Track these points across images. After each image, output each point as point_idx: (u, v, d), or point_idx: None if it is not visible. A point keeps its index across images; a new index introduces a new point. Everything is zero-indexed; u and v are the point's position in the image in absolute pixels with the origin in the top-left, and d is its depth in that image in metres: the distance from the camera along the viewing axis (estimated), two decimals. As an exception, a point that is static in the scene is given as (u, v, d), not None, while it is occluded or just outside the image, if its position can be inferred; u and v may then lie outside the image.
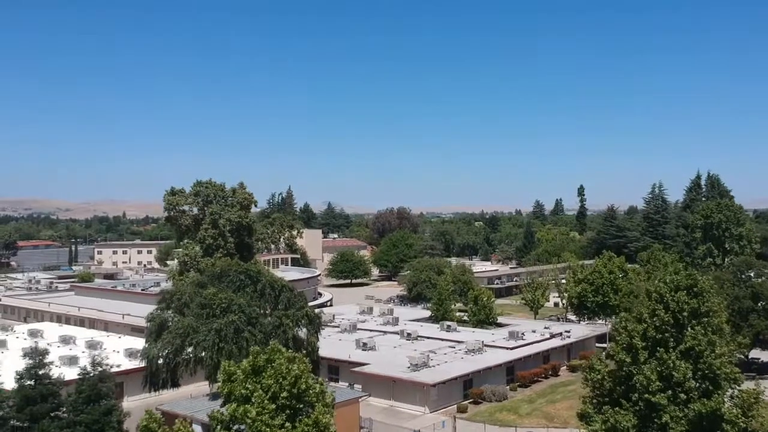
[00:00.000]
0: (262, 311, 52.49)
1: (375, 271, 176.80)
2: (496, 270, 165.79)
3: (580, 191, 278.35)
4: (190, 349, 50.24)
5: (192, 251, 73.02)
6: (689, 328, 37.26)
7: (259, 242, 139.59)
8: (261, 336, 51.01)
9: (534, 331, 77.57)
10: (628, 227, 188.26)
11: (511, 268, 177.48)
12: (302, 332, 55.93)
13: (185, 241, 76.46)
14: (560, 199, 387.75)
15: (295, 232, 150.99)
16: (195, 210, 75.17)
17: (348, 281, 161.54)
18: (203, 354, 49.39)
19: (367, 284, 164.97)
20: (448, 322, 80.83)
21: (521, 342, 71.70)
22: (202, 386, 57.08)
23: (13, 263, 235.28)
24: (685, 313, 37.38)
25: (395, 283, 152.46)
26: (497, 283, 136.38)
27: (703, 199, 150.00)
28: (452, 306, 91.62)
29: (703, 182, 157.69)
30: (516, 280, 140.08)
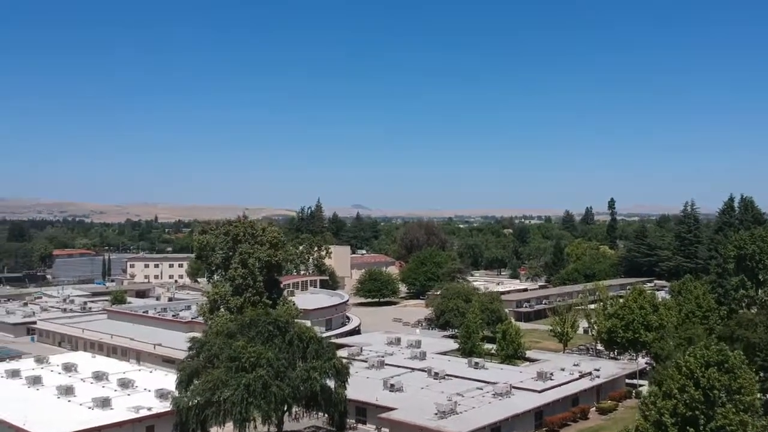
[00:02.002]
0: (290, 364, 52.93)
1: (402, 288, 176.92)
2: (525, 290, 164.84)
3: (611, 204, 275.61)
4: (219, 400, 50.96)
5: (222, 290, 73.74)
6: (720, 406, 36.84)
7: (288, 263, 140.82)
8: (289, 390, 51.63)
9: (563, 370, 76.87)
10: (659, 246, 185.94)
11: (540, 286, 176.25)
12: (330, 381, 56.45)
13: (215, 278, 77.25)
14: (590, 207, 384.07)
15: (323, 252, 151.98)
16: (224, 249, 75.78)
17: (376, 300, 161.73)
18: (232, 407, 50.06)
19: (395, 303, 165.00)
20: (476, 359, 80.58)
21: (550, 383, 71.11)
22: (231, 434, 57.75)
23: (48, 276, 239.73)
24: (716, 391, 36.96)
25: (423, 302, 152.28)
26: (526, 307, 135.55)
27: (736, 222, 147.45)
28: (480, 335, 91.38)
29: (736, 204, 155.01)
30: (545, 303, 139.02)
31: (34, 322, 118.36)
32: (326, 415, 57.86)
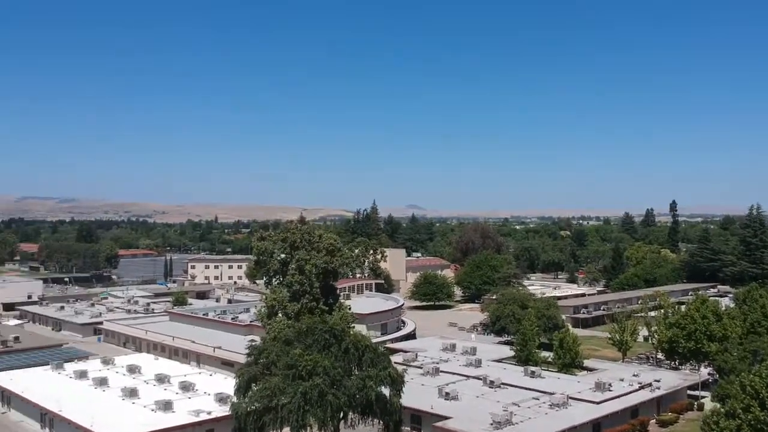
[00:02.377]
0: (345, 372, 53.45)
1: (457, 291, 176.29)
2: (583, 295, 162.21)
3: (672, 206, 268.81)
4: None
5: (279, 295, 75.02)
6: (786, 428, 35.78)
7: (344, 266, 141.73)
8: (345, 398, 52.16)
9: (622, 380, 75.43)
10: (723, 250, 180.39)
11: (598, 291, 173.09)
12: (386, 389, 56.76)
13: (273, 284, 78.64)
14: (651, 209, 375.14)
15: (379, 256, 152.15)
16: (282, 255, 77.06)
17: (431, 303, 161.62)
18: (289, 414, 50.87)
19: (450, 306, 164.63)
20: (533, 368, 79.80)
21: (608, 394, 69.92)
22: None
23: (114, 276, 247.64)
24: (782, 412, 35.89)
25: (478, 306, 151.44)
26: (583, 313, 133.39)
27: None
28: (536, 343, 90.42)
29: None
30: (603, 309, 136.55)
31: (101, 323, 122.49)
32: (381, 423, 58.20)
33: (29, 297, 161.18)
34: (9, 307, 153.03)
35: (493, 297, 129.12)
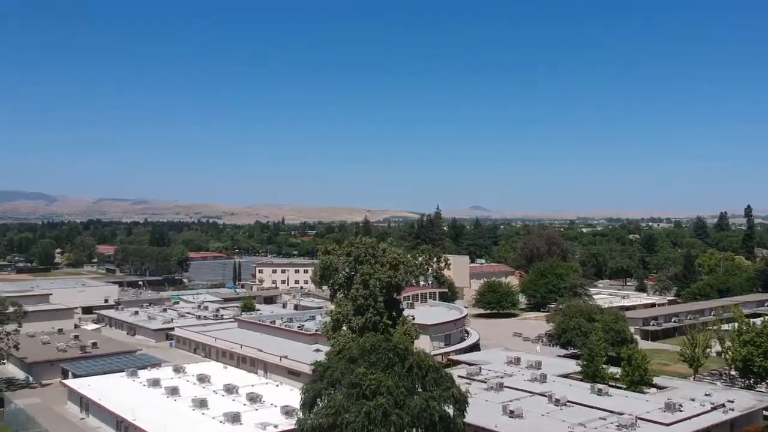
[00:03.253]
0: (409, 392, 53.83)
1: (522, 299, 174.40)
2: (653, 305, 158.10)
3: (747, 211, 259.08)
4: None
5: (344, 309, 76.08)
6: None
7: (408, 274, 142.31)
8: (408, 419, 52.55)
9: (693, 400, 73.35)
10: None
11: (669, 301, 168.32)
12: (449, 408, 56.87)
13: (338, 297, 79.76)
14: (725, 212, 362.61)
15: (443, 264, 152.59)
16: (347, 269, 78.09)
17: (495, 311, 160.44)
18: (353, 433, 51.59)
19: (514, 315, 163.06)
20: (600, 385, 78.38)
21: (679, 416, 68.05)
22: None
23: (185, 280, 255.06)
24: None
25: (543, 314, 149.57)
26: (653, 325, 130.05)
27: None
28: (604, 358, 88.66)
29: None
30: (674, 321, 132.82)
31: (172, 329, 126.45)
32: (445, 443, 58.32)
33: (106, 300, 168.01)
34: (87, 310, 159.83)
35: (560, 306, 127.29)
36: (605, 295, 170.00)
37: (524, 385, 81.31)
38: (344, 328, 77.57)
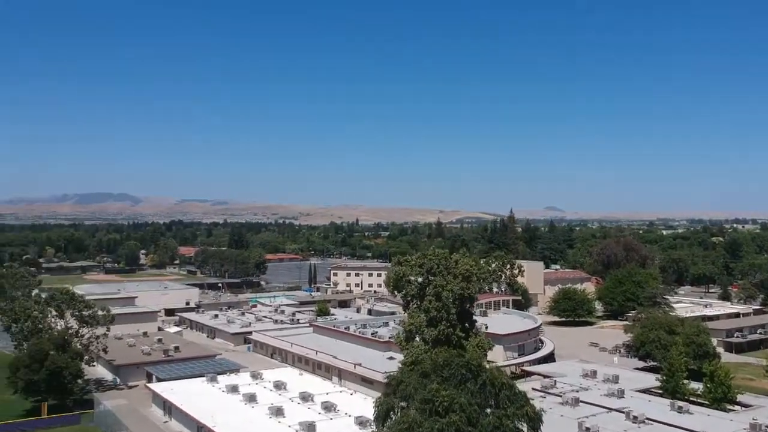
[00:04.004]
0: (482, 409, 53.85)
1: (598, 306, 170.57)
2: (737, 315, 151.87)
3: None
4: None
5: (417, 321, 76.60)
6: None
7: (481, 281, 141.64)
8: (481, 437, 52.64)
9: (782, 420, 70.39)
10: None
11: (754, 311, 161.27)
12: (522, 425, 56.55)
13: (411, 307, 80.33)
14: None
15: (516, 271, 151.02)
16: (420, 280, 78.59)
17: (570, 319, 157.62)
18: (426, 449, 51.98)
19: (590, 323, 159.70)
20: (680, 402, 76.17)
21: (765, 438, 65.57)
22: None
23: (262, 282, 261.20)
24: None
25: (621, 324, 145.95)
26: (737, 337, 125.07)
27: None
28: (684, 374, 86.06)
29: None
30: (760, 332, 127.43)
31: (250, 333, 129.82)
32: (518, 461, 57.99)
33: (187, 303, 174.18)
34: (170, 312, 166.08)
35: (639, 316, 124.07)
36: (686, 304, 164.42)
37: (601, 400, 79.77)
38: (417, 339, 78.02)
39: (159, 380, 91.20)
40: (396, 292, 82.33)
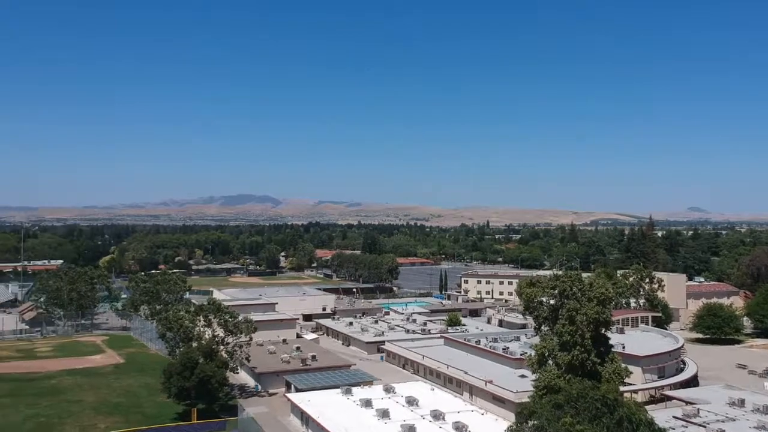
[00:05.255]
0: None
1: (747, 323, 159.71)
2: None
3: None
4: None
5: (549, 344, 75.65)
6: None
7: (618, 295, 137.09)
8: (615, 475, 51.42)
9: None
10: None
11: None
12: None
13: (543, 330, 79.42)
14: None
15: (656, 285, 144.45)
16: (552, 302, 77.51)
17: (715, 336, 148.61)
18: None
19: (737, 341, 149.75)
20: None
21: None
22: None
23: (395, 288, 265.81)
24: None
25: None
26: None
27: None
28: None
29: None
30: None
31: (383, 342, 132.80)
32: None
33: (323, 309, 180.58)
34: (307, 317, 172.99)
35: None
36: None
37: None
38: (550, 362, 77.01)
39: (297, 390, 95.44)
40: (528, 313, 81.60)
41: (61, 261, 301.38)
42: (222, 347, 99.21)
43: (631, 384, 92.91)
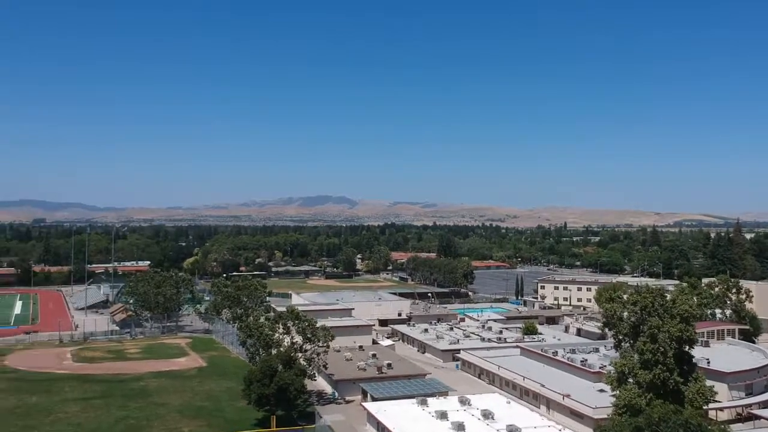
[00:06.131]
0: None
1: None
2: None
3: None
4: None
5: (630, 362, 74.06)
6: None
7: (703, 306, 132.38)
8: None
9: None
10: None
11: None
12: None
13: (624, 347, 77.81)
14: None
15: (743, 296, 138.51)
16: (633, 319, 75.81)
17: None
18: None
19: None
20: None
21: None
22: None
23: (470, 293, 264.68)
24: None
25: None
26: None
27: None
28: None
29: None
30: None
31: (458, 351, 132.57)
32: None
33: (399, 314, 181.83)
34: (383, 323, 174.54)
35: None
36: None
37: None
38: (630, 381, 75.38)
39: (373, 399, 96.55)
40: (607, 330, 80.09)
41: (149, 262, 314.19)
42: (300, 354, 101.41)
43: (716, 401, 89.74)
